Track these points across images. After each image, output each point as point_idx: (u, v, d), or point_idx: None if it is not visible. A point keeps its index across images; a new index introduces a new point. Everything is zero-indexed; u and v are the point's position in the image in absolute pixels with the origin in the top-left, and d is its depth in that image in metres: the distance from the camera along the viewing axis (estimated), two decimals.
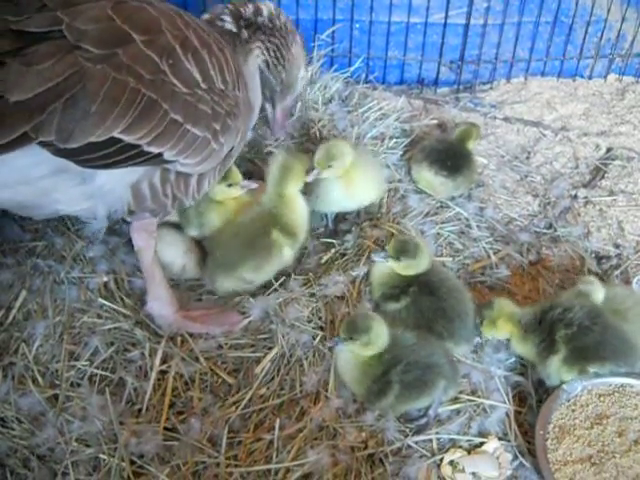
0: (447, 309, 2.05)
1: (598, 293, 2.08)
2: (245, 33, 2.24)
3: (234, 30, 2.22)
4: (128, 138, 1.73)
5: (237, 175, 2.28)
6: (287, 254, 2.22)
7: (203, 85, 1.89)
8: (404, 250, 2.09)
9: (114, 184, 1.86)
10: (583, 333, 1.94)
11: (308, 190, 2.30)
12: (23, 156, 1.64)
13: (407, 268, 2.11)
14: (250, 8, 2.26)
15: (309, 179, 2.23)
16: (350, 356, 1.92)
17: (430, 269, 2.14)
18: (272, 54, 2.32)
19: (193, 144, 1.90)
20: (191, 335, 2.06)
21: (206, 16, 2.22)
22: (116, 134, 1.71)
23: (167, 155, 1.85)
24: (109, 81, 1.67)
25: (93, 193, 1.85)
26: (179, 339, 2.06)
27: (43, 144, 1.64)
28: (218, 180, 2.18)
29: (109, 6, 1.75)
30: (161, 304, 2.12)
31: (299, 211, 2.24)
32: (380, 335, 1.90)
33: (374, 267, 2.19)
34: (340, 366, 1.95)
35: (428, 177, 2.57)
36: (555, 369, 1.94)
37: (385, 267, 2.14)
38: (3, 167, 1.67)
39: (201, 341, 2.05)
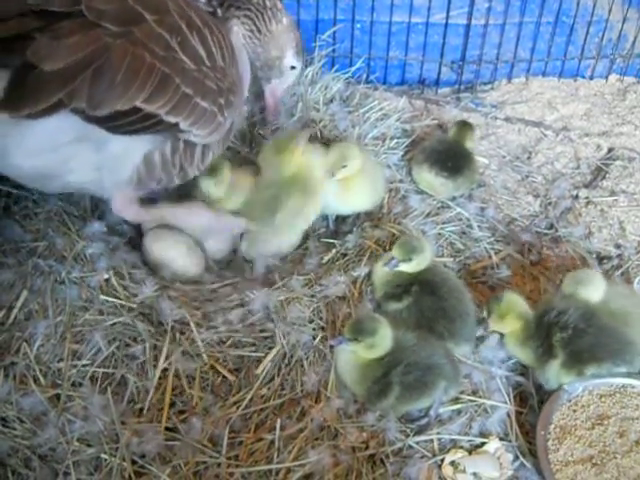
0: (448, 309, 2.05)
1: (597, 291, 2.08)
2: (219, 11, 2.32)
3: (209, 10, 2.29)
4: (149, 107, 1.88)
5: (226, 176, 2.36)
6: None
7: (207, 62, 2.03)
8: (412, 249, 2.10)
9: (128, 153, 2.01)
10: (578, 336, 1.94)
11: None
12: (52, 122, 1.77)
13: (418, 265, 2.12)
14: None
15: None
16: (350, 357, 1.92)
17: (432, 269, 2.14)
18: (247, 27, 2.38)
19: (203, 116, 2.05)
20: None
21: None
22: (138, 103, 1.85)
23: (182, 125, 2.00)
24: (129, 55, 1.81)
25: (105, 162, 1.98)
26: (179, 332, 2.05)
27: (75, 110, 1.77)
28: (220, 153, 2.31)
29: None
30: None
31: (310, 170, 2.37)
32: (385, 338, 1.90)
33: (376, 266, 2.19)
34: (340, 367, 1.95)
35: (429, 178, 2.57)
36: (554, 373, 1.94)
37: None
38: (32, 133, 1.81)
39: (202, 333, 2.04)
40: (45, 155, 1.90)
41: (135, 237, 2.36)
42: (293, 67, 2.56)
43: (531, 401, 1.97)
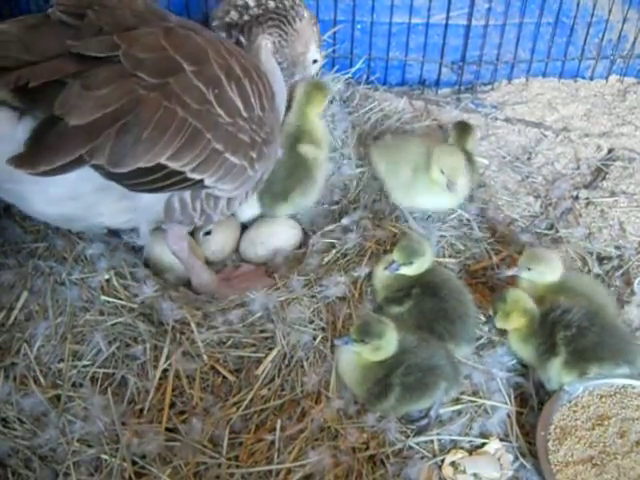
0: (449, 310, 2.05)
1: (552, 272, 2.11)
2: (242, 39, 2.30)
3: (234, 41, 2.28)
4: (173, 165, 1.82)
5: None
6: (321, 162, 2.47)
7: (244, 114, 1.98)
8: (413, 253, 2.10)
9: (152, 200, 1.95)
10: (582, 334, 1.94)
11: None
12: (72, 174, 1.71)
13: (419, 268, 2.12)
14: (233, 12, 2.29)
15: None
16: (352, 357, 1.92)
17: (433, 270, 2.14)
18: (276, 35, 2.36)
19: (231, 171, 2.00)
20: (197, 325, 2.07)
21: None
22: (163, 160, 1.80)
23: (208, 182, 1.95)
24: (161, 109, 1.75)
25: (133, 208, 1.94)
26: (180, 333, 2.05)
27: (95, 167, 1.72)
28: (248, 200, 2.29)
29: (161, 34, 1.83)
30: (203, 282, 2.27)
31: (321, 128, 2.51)
32: (391, 342, 1.90)
33: (377, 270, 2.19)
34: (341, 367, 1.95)
35: None
36: (556, 372, 1.94)
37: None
38: (54, 184, 1.74)
39: (203, 333, 2.05)
40: (68, 203, 1.85)
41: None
42: (315, 60, 2.55)
43: (531, 402, 1.97)
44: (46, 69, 1.65)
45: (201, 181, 1.93)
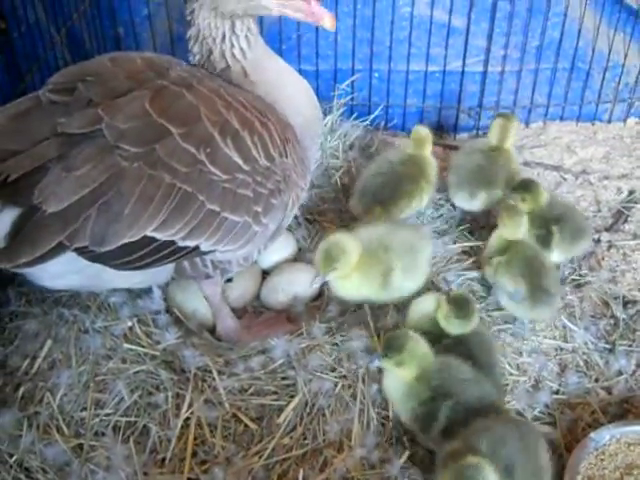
0: (476, 359, 1.99)
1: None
2: (243, 68, 2.05)
3: (224, 66, 2.05)
4: (161, 235, 1.76)
5: None
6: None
7: (245, 167, 1.89)
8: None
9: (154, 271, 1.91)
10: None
11: None
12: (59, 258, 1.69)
13: (459, 327, 2.05)
14: (196, 46, 2.04)
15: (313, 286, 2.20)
16: (396, 375, 1.92)
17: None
18: (239, 30, 2.00)
19: (232, 231, 1.90)
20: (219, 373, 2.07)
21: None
22: (149, 232, 1.74)
23: (204, 247, 1.87)
24: (144, 180, 1.71)
25: (137, 274, 1.88)
26: (201, 380, 2.05)
27: (78, 250, 1.69)
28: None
29: (148, 97, 1.78)
30: (227, 328, 2.26)
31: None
32: (415, 356, 1.88)
33: (413, 307, 2.14)
34: (387, 384, 1.95)
35: None
36: None
37: (427, 309, 2.10)
38: (51, 263, 1.70)
39: (224, 381, 2.04)
40: (71, 276, 1.84)
41: None
42: None
43: (559, 450, 1.93)
44: (28, 158, 1.65)
45: (196, 247, 1.85)
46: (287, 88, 2.14)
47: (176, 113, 1.80)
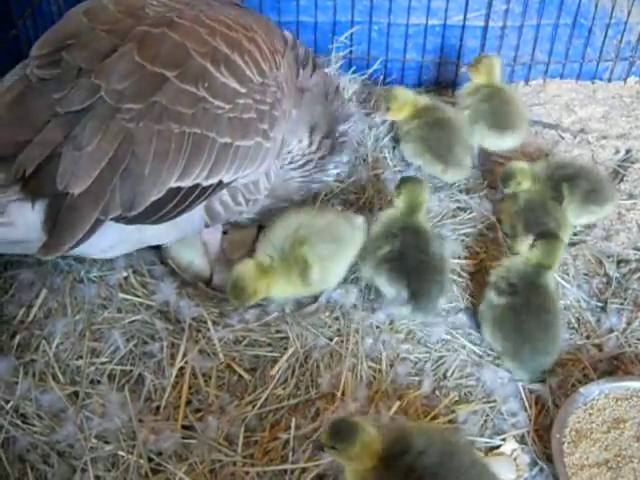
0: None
1: None
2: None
3: None
4: (184, 183, 1.81)
5: None
6: None
7: (242, 90, 1.90)
8: None
9: (190, 215, 1.94)
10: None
11: None
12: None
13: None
14: None
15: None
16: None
17: None
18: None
19: (247, 156, 1.94)
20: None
21: None
22: (173, 184, 1.79)
23: (226, 179, 1.91)
24: (154, 137, 1.73)
25: (175, 227, 1.94)
26: (196, 330, 2.07)
27: (114, 219, 1.75)
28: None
29: (134, 50, 1.77)
30: (224, 278, 2.21)
31: None
32: (370, 448, 1.55)
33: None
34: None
35: None
36: None
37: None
38: (99, 238, 1.78)
39: (219, 332, 2.06)
40: (120, 246, 1.95)
41: None
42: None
43: (547, 404, 1.96)
44: (37, 147, 1.68)
45: (220, 182, 1.91)
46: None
47: (165, 57, 1.80)
